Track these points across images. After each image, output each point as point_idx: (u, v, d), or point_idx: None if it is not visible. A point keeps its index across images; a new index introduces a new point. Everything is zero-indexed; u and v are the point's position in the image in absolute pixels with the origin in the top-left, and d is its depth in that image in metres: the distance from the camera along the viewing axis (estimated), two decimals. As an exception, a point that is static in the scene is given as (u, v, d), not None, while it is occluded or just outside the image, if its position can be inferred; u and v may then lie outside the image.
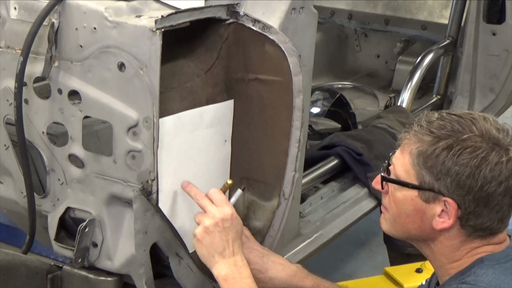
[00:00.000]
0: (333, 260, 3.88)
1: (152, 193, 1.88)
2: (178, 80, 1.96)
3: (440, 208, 1.67)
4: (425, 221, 1.70)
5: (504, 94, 3.70)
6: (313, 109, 3.44)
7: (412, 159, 1.68)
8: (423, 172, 1.67)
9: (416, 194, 1.69)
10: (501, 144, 1.63)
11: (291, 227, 2.29)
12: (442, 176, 1.64)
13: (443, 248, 1.73)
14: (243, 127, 2.10)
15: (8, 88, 1.98)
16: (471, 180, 1.62)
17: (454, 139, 1.63)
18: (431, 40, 4.22)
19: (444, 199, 1.66)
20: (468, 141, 1.63)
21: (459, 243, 1.70)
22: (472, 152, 1.62)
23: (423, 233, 1.73)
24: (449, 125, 1.65)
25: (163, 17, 1.77)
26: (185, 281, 2.06)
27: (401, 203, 1.73)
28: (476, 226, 1.67)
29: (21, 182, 2.05)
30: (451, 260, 1.72)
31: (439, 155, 1.64)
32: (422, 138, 1.67)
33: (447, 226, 1.68)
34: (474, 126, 1.64)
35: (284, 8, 2.01)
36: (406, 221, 1.74)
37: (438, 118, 1.68)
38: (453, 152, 1.63)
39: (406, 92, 3.54)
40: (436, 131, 1.66)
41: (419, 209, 1.70)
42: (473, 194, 1.63)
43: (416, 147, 1.68)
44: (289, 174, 2.10)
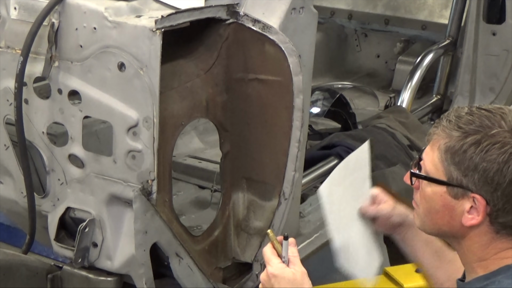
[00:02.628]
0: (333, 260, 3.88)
1: (152, 193, 1.88)
2: (178, 80, 1.96)
3: (469, 204, 1.65)
4: (455, 217, 1.68)
5: (504, 94, 3.70)
6: (313, 109, 3.43)
7: (440, 154, 1.66)
8: (451, 168, 1.65)
9: (445, 190, 1.67)
10: None
11: (291, 227, 2.29)
12: (469, 172, 1.62)
13: (472, 245, 1.70)
14: (243, 127, 2.10)
15: (8, 88, 1.98)
16: (499, 176, 1.60)
17: (482, 134, 1.61)
18: (431, 40, 4.22)
19: (473, 195, 1.63)
20: (497, 137, 1.60)
21: (488, 241, 1.68)
22: (500, 147, 1.59)
23: (453, 229, 1.71)
24: (478, 120, 1.63)
25: (163, 17, 1.77)
26: (185, 281, 2.06)
27: (431, 199, 1.71)
28: (505, 223, 1.65)
29: (21, 182, 2.05)
30: (478, 259, 1.70)
31: (466, 151, 1.62)
32: (450, 134, 1.65)
33: (476, 223, 1.65)
34: (503, 121, 1.62)
35: (284, 8, 2.01)
36: (436, 217, 1.72)
37: (467, 113, 1.66)
38: (480, 147, 1.61)
39: (406, 92, 3.54)
40: (465, 126, 1.64)
41: (448, 205, 1.68)
42: (502, 190, 1.61)
43: (444, 142, 1.66)
44: (289, 174, 2.10)
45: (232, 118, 2.10)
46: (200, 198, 2.61)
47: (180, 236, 2.00)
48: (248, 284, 2.26)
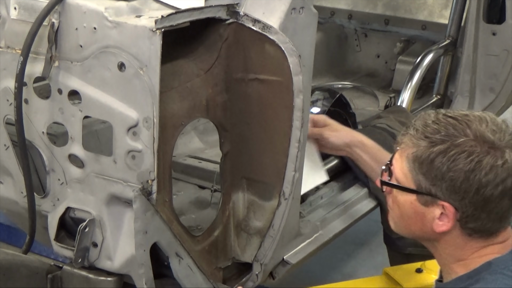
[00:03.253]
0: (333, 260, 3.88)
1: (152, 193, 1.88)
2: (178, 80, 1.96)
3: (439, 211, 1.68)
4: (426, 223, 1.71)
5: (504, 94, 3.70)
6: (313, 109, 3.43)
7: (409, 164, 1.69)
8: (420, 177, 1.68)
9: (415, 198, 1.71)
10: (496, 146, 1.62)
11: (291, 227, 2.29)
12: (437, 181, 1.65)
13: (448, 247, 1.73)
14: (243, 127, 2.10)
15: (8, 88, 1.98)
16: (466, 185, 1.62)
17: (448, 144, 1.64)
18: (431, 40, 4.21)
19: (442, 203, 1.66)
20: (463, 146, 1.62)
21: (462, 242, 1.70)
22: (466, 157, 1.62)
23: (426, 233, 1.74)
24: (444, 129, 1.65)
25: (163, 17, 1.77)
26: (185, 281, 2.06)
27: (402, 206, 1.75)
28: (475, 228, 1.67)
29: (21, 182, 2.05)
30: (456, 259, 1.73)
31: (433, 160, 1.64)
32: (418, 143, 1.67)
33: (446, 229, 1.69)
34: (469, 129, 1.64)
35: (284, 8, 2.01)
36: (408, 222, 1.75)
37: (433, 121, 1.68)
38: (447, 157, 1.63)
39: (406, 92, 3.53)
40: (431, 135, 1.66)
41: (419, 212, 1.71)
42: (469, 198, 1.63)
43: (411, 151, 1.69)
44: (289, 174, 2.10)
45: (232, 118, 2.10)
46: (200, 198, 2.61)
47: (180, 236, 2.00)
48: (248, 284, 2.26)
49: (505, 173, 1.61)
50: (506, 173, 1.61)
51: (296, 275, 2.83)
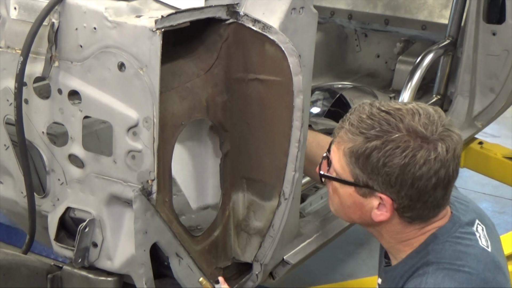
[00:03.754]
0: (333, 260, 3.88)
1: (152, 193, 1.88)
2: (178, 80, 1.96)
3: (377, 202, 1.74)
4: (365, 212, 1.78)
5: (504, 94, 3.69)
6: (313, 109, 3.43)
7: (346, 157, 1.74)
8: (357, 171, 1.73)
9: (353, 190, 1.77)
10: (429, 140, 1.67)
11: (291, 227, 2.29)
12: (373, 175, 1.71)
13: (389, 232, 1.80)
14: (243, 127, 2.10)
15: (8, 88, 1.98)
16: (401, 179, 1.68)
17: (383, 140, 1.68)
18: (431, 40, 4.22)
19: (379, 195, 1.73)
20: (397, 141, 1.67)
21: (403, 227, 1.78)
22: (401, 152, 1.67)
23: (366, 221, 1.81)
24: (378, 125, 1.70)
25: (163, 17, 1.77)
26: (185, 281, 2.06)
27: (341, 196, 1.81)
28: (413, 216, 1.75)
29: (21, 182, 2.05)
30: (399, 241, 1.80)
31: (369, 156, 1.69)
32: (353, 138, 1.72)
33: (385, 219, 1.76)
34: (402, 123, 1.68)
35: (284, 8, 2.01)
36: (348, 211, 1.82)
37: (368, 116, 1.72)
38: (382, 153, 1.68)
39: (406, 92, 3.53)
40: (366, 131, 1.70)
41: (358, 202, 1.78)
42: (405, 191, 1.69)
43: (348, 146, 1.73)
44: (289, 174, 2.10)
45: (232, 118, 2.10)
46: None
47: (180, 236, 2.00)
48: (248, 284, 2.26)
49: (438, 165, 1.67)
50: (439, 165, 1.67)
51: (296, 275, 2.83)
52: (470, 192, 4.81)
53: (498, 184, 4.42)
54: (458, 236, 1.77)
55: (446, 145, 1.68)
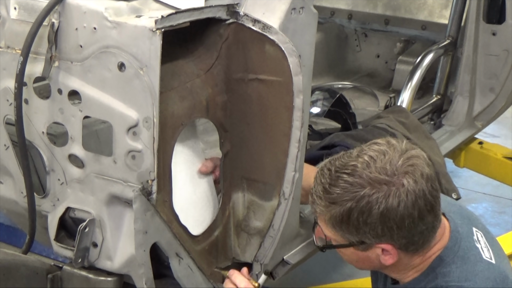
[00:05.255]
0: (333, 260, 3.87)
1: (152, 193, 1.88)
2: (178, 80, 1.96)
3: (380, 249, 1.79)
4: (374, 261, 1.83)
5: (504, 94, 3.69)
6: (313, 109, 3.43)
7: (330, 227, 1.80)
8: (346, 234, 1.79)
9: (353, 249, 1.82)
10: (393, 181, 1.69)
11: (291, 227, 2.29)
12: (361, 233, 1.75)
13: (400, 266, 1.84)
14: (243, 127, 2.10)
15: (8, 88, 1.98)
16: (386, 227, 1.72)
17: (353, 201, 1.72)
18: (431, 40, 4.22)
19: (377, 245, 1.77)
20: (366, 197, 1.70)
21: (411, 259, 1.82)
22: (374, 204, 1.70)
23: (377, 267, 1.86)
24: (343, 191, 1.73)
25: (163, 17, 1.77)
26: (185, 281, 2.06)
27: (346, 256, 1.88)
28: (417, 247, 1.78)
29: (21, 182, 2.05)
30: (409, 269, 1.85)
31: (348, 219, 1.74)
32: (327, 209, 1.77)
33: (393, 261, 1.80)
34: (362, 179, 1.71)
35: (284, 8, 2.01)
36: (358, 263, 1.88)
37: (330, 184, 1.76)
38: (358, 212, 1.72)
39: (406, 92, 3.53)
40: (336, 200, 1.75)
41: (363, 257, 1.83)
42: (396, 234, 1.73)
43: (326, 217, 1.79)
44: (289, 174, 2.10)
45: (232, 118, 2.10)
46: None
47: (180, 236, 2.00)
48: (248, 284, 2.26)
49: (412, 198, 1.69)
50: (413, 198, 1.69)
51: (296, 275, 2.83)
52: (470, 192, 4.82)
53: (498, 184, 4.42)
54: (462, 255, 1.79)
55: (412, 176, 1.69)
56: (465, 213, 1.94)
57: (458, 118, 3.70)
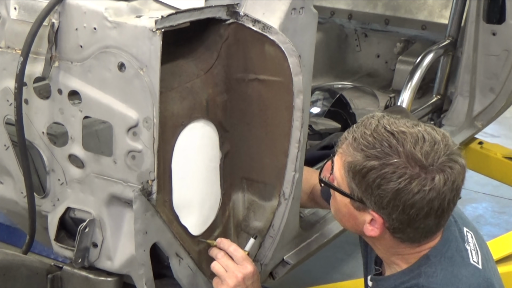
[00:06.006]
0: (333, 260, 3.88)
1: (152, 193, 1.88)
2: (178, 80, 1.96)
3: (370, 217, 1.75)
4: (358, 224, 1.79)
5: (504, 94, 3.70)
6: (313, 109, 3.43)
7: (344, 170, 1.75)
8: (352, 185, 1.74)
9: (349, 201, 1.77)
10: (428, 169, 1.66)
11: (291, 227, 2.29)
12: (367, 194, 1.71)
13: (382, 245, 1.82)
14: (243, 127, 2.10)
15: (8, 88, 1.98)
16: (392, 204, 1.68)
17: (381, 162, 1.68)
18: (431, 40, 4.22)
19: (371, 212, 1.73)
20: (394, 166, 1.67)
21: (395, 244, 1.78)
22: (397, 178, 1.66)
23: (359, 232, 1.83)
24: (379, 145, 1.69)
25: (163, 17, 1.77)
26: (185, 281, 2.06)
27: (338, 203, 1.82)
28: (403, 237, 1.75)
29: (21, 182, 2.05)
30: (393, 254, 1.81)
31: (365, 175, 1.70)
32: (354, 153, 1.72)
33: (375, 235, 1.76)
34: (403, 148, 1.67)
35: (284, 8, 2.01)
36: (343, 218, 1.84)
37: (371, 133, 1.71)
38: (378, 175, 1.68)
39: (406, 92, 3.54)
40: (366, 149, 1.70)
41: (352, 214, 1.79)
42: (396, 215, 1.70)
43: (347, 159, 1.74)
44: (289, 174, 2.10)
45: (232, 118, 2.10)
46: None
47: (180, 236, 2.00)
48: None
49: (432, 195, 1.66)
50: (433, 195, 1.66)
51: (296, 275, 2.83)
52: (470, 192, 4.82)
53: (498, 184, 4.42)
54: (450, 256, 1.77)
55: (445, 176, 1.66)
56: (458, 212, 1.92)
57: (458, 118, 3.71)
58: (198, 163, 2.03)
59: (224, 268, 1.99)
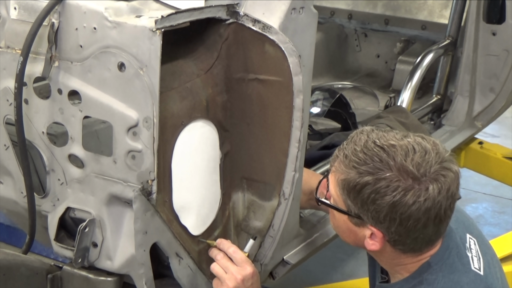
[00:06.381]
0: (333, 260, 3.88)
1: (152, 193, 1.88)
2: (178, 80, 1.96)
3: (370, 232, 1.76)
4: (359, 239, 1.80)
5: (504, 94, 3.70)
6: (313, 109, 3.44)
7: (339, 187, 1.76)
8: (348, 202, 1.75)
9: (347, 217, 1.79)
10: (420, 180, 1.66)
11: (291, 227, 2.29)
12: (364, 210, 1.72)
13: (385, 257, 1.83)
14: (243, 127, 2.10)
15: (8, 88, 1.98)
16: (389, 218, 1.69)
17: (374, 177, 1.68)
18: (431, 40, 4.22)
19: (370, 227, 1.74)
20: (388, 180, 1.67)
21: (397, 256, 1.80)
22: (391, 191, 1.67)
23: (361, 246, 1.83)
24: (370, 161, 1.70)
25: (163, 17, 1.77)
26: (185, 281, 2.06)
27: (337, 220, 1.84)
28: (405, 249, 1.76)
29: (21, 182, 2.05)
30: (395, 265, 1.82)
31: (360, 191, 1.71)
32: (346, 171, 1.73)
33: (376, 249, 1.77)
34: (394, 161, 1.68)
35: (284, 8, 2.01)
36: (343, 234, 1.85)
37: (361, 149, 1.72)
38: (372, 190, 1.69)
39: (406, 92, 3.54)
40: (358, 166, 1.71)
41: (351, 230, 1.80)
42: (394, 228, 1.71)
43: (341, 177, 1.75)
44: (289, 174, 2.10)
45: (232, 118, 2.10)
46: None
47: (180, 236, 2.00)
48: (248, 284, 2.26)
49: (427, 205, 1.66)
50: (429, 205, 1.66)
51: (296, 275, 2.83)
52: (470, 192, 4.82)
53: (498, 184, 4.42)
54: (451, 263, 1.77)
55: (438, 185, 1.66)
56: (462, 217, 1.91)
57: (458, 118, 3.71)
58: (198, 163, 2.03)
59: (224, 270, 1.99)
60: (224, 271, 1.99)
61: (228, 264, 2.00)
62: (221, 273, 1.99)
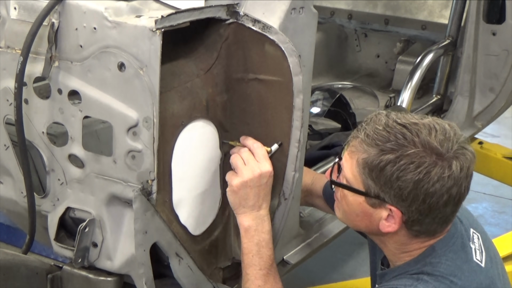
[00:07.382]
0: (333, 260, 3.88)
1: (152, 193, 1.88)
2: (178, 80, 1.96)
3: (386, 213, 1.75)
4: (373, 222, 1.79)
5: (504, 94, 3.70)
6: (313, 109, 3.44)
7: (359, 167, 1.75)
8: (369, 182, 1.74)
9: (363, 199, 1.77)
10: (444, 157, 1.68)
11: (291, 227, 2.29)
12: (386, 188, 1.71)
13: (394, 243, 1.82)
14: (243, 127, 2.10)
15: (8, 88, 1.98)
16: (413, 195, 1.68)
17: (398, 154, 1.68)
18: (431, 40, 4.22)
19: (389, 206, 1.73)
20: (412, 156, 1.67)
21: (408, 240, 1.79)
22: (415, 168, 1.67)
23: (373, 230, 1.82)
24: (393, 138, 1.69)
25: (163, 17, 1.77)
26: (185, 281, 2.06)
27: (350, 204, 1.81)
28: (420, 230, 1.76)
29: (21, 182, 2.05)
30: (402, 251, 1.82)
31: (383, 169, 1.70)
32: (368, 150, 1.72)
33: (392, 230, 1.77)
34: (418, 138, 1.68)
35: (284, 8, 2.01)
36: (356, 219, 1.83)
37: (384, 128, 1.72)
38: (396, 167, 1.68)
39: (406, 92, 3.54)
40: (381, 143, 1.70)
41: (367, 212, 1.78)
42: (416, 206, 1.70)
43: (362, 157, 1.73)
44: (289, 174, 2.10)
45: (232, 118, 2.10)
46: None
47: (180, 236, 2.00)
48: (248, 284, 2.26)
49: (451, 182, 1.68)
50: (452, 182, 1.68)
51: (296, 275, 2.83)
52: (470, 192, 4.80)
53: (498, 184, 4.42)
54: (455, 250, 1.78)
55: (460, 163, 1.68)
56: (466, 213, 1.93)
57: (458, 118, 3.71)
58: (198, 163, 2.03)
59: (244, 162, 1.99)
60: (244, 163, 1.99)
61: (250, 157, 1.99)
62: (240, 163, 1.99)
